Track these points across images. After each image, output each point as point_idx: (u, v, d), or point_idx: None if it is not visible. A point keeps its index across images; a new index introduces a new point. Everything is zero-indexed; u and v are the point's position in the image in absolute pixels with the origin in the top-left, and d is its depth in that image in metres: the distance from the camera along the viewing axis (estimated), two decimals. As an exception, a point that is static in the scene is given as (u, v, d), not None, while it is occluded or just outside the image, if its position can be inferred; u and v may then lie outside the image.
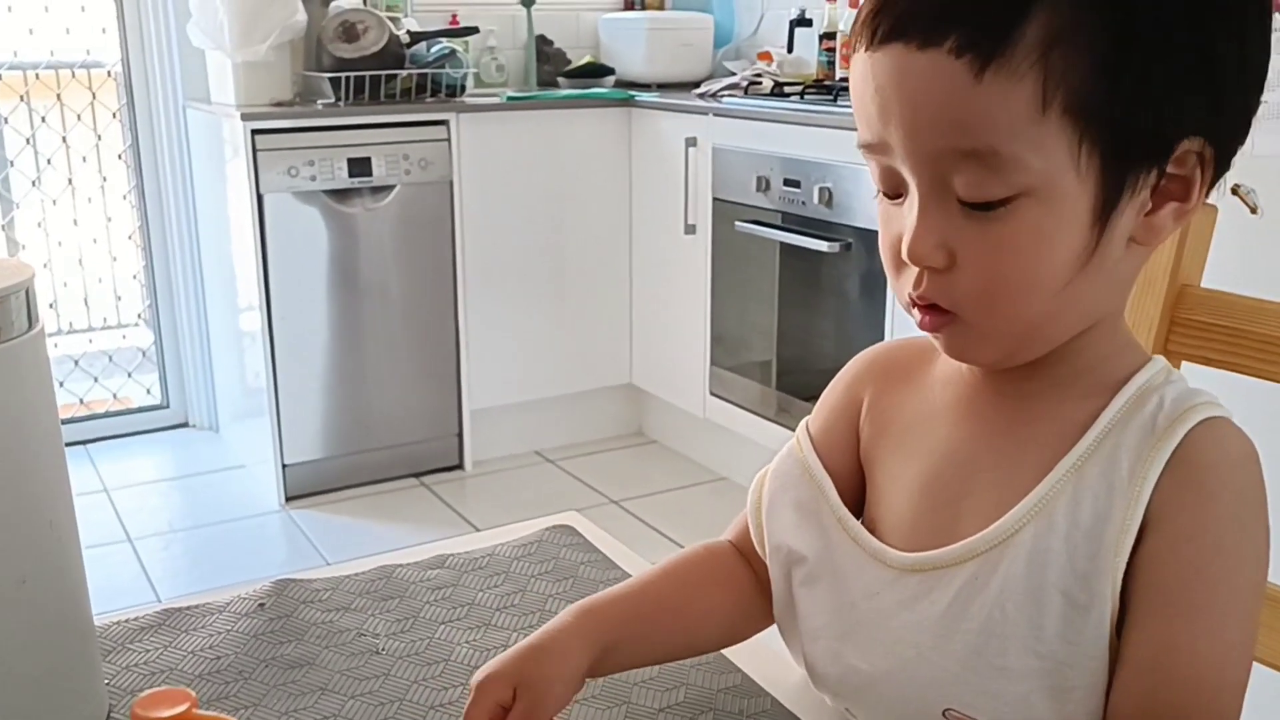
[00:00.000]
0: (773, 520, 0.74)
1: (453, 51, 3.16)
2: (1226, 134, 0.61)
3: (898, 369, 0.74)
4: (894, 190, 0.62)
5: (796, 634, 0.73)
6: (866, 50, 0.60)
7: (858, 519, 0.71)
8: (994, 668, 0.63)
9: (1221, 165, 0.62)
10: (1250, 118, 0.62)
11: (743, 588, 0.77)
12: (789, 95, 2.95)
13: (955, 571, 0.64)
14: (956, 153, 0.57)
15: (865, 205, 2.49)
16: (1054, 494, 0.62)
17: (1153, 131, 0.59)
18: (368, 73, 2.99)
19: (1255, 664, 0.80)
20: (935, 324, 0.63)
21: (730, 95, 3.09)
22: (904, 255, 0.61)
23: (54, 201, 3.41)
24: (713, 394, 3.11)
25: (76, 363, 3.52)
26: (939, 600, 0.65)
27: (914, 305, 0.63)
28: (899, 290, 0.64)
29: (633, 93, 3.32)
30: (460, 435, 3.25)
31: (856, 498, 0.73)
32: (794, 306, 2.84)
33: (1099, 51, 0.56)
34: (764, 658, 0.79)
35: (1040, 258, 0.59)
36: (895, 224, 0.63)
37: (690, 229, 3.08)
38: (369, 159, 2.95)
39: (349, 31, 3.00)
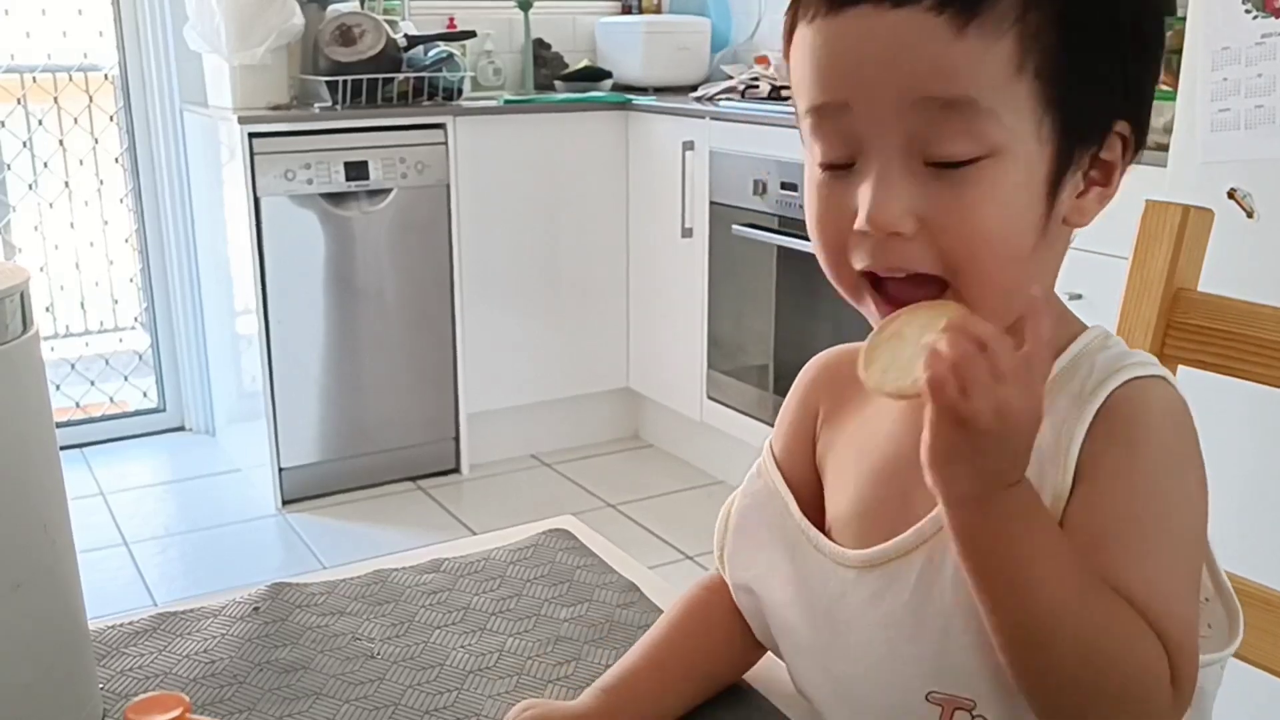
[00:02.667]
0: (736, 555, 0.75)
1: (450, 55, 3.16)
2: (1144, 118, 0.64)
3: (845, 374, 0.74)
4: (844, 157, 0.61)
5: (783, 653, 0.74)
6: (822, 17, 0.60)
7: (821, 529, 0.72)
8: (963, 646, 0.63)
9: (1136, 151, 0.64)
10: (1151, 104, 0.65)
11: (741, 621, 0.77)
12: (786, 99, 2.95)
13: (912, 559, 0.65)
14: (935, 104, 0.58)
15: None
16: None
17: (1100, 107, 0.61)
18: (365, 76, 2.99)
19: (1251, 667, 0.80)
20: (898, 296, 0.61)
21: (727, 99, 3.09)
22: (864, 223, 0.60)
23: (50, 205, 3.41)
24: (709, 398, 3.10)
25: (73, 366, 3.52)
26: (902, 590, 0.65)
27: (866, 285, 0.63)
28: (843, 272, 0.63)
29: (630, 96, 3.32)
30: (457, 439, 3.25)
31: (820, 507, 0.73)
32: (791, 310, 2.84)
33: (1067, 20, 0.58)
34: (760, 662, 0.79)
35: (1009, 219, 0.61)
36: (839, 198, 0.62)
37: (687, 232, 3.08)
38: (366, 162, 2.95)
39: (346, 35, 3.00)
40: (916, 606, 0.65)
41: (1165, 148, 1.70)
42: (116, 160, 3.46)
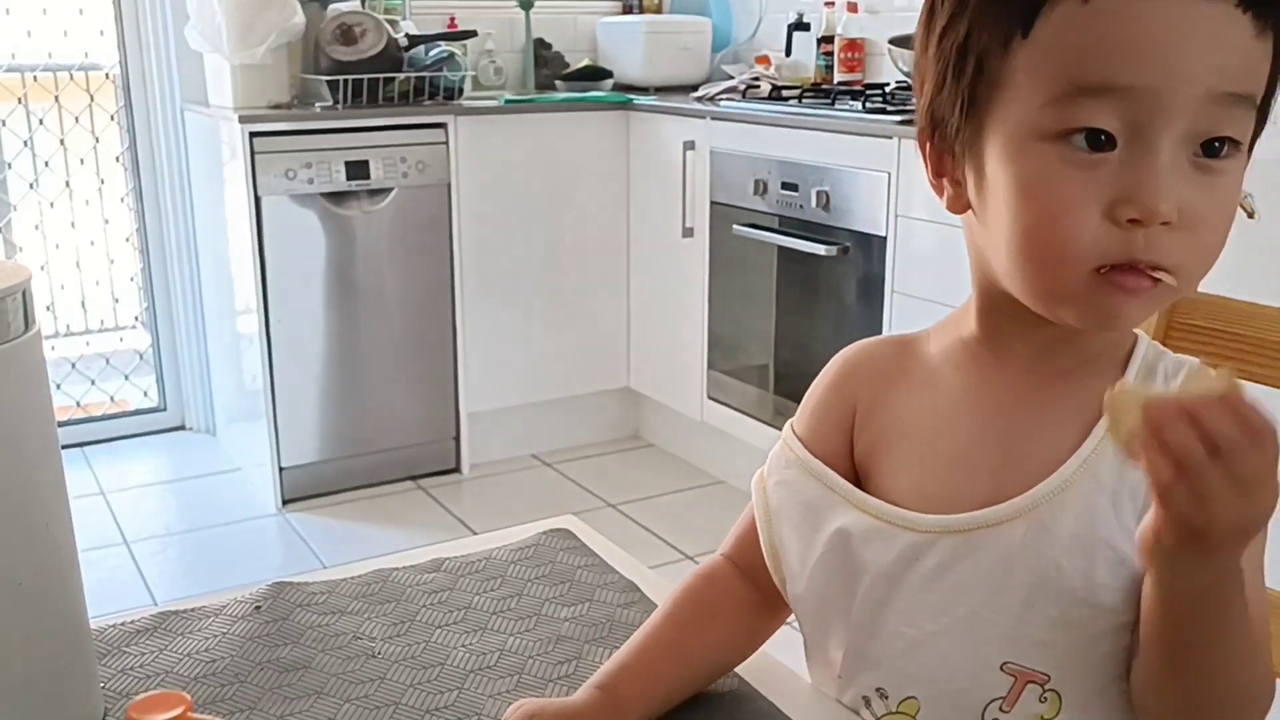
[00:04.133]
0: (785, 543, 0.75)
1: (451, 54, 3.16)
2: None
3: (887, 368, 0.75)
4: (1104, 138, 0.59)
5: (829, 629, 0.74)
6: None
7: None
8: (1049, 619, 0.65)
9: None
10: None
11: (744, 609, 0.78)
12: (787, 99, 2.95)
13: (1005, 529, 0.66)
14: (1230, 98, 0.59)
15: (863, 209, 2.49)
16: (1097, 454, 0.65)
17: (1266, 109, 0.64)
18: (366, 75, 2.99)
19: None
20: (1146, 287, 0.60)
21: (728, 99, 3.09)
22: (1135, 213, 0.58)
23: (51, 204, 3.41)
24: (710, 398, 3.10)
25: (74, 365, 3.52)
26: (985, 559, 0.66)
27: (1115, 271, 0.60)
28: (1095, 256, 0.59)
29: (631, 96, 3.32)
30: (457, 438, 3.25)
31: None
32: (792, 310, 2.84)
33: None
34: (760, 661, 0.79)
35: (1235, 209, 0.63)
36: (1091, 183, 0.59)
37: (688, 232, 3.08)
38: (367, 162, 2.95)
39: (347, 34, 3.00)
40: (1002, 576, 0.66)
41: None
42: (117, 159, 3.46)
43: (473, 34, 3.33)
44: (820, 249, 2.59)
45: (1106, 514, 0.64)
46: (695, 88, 3.37)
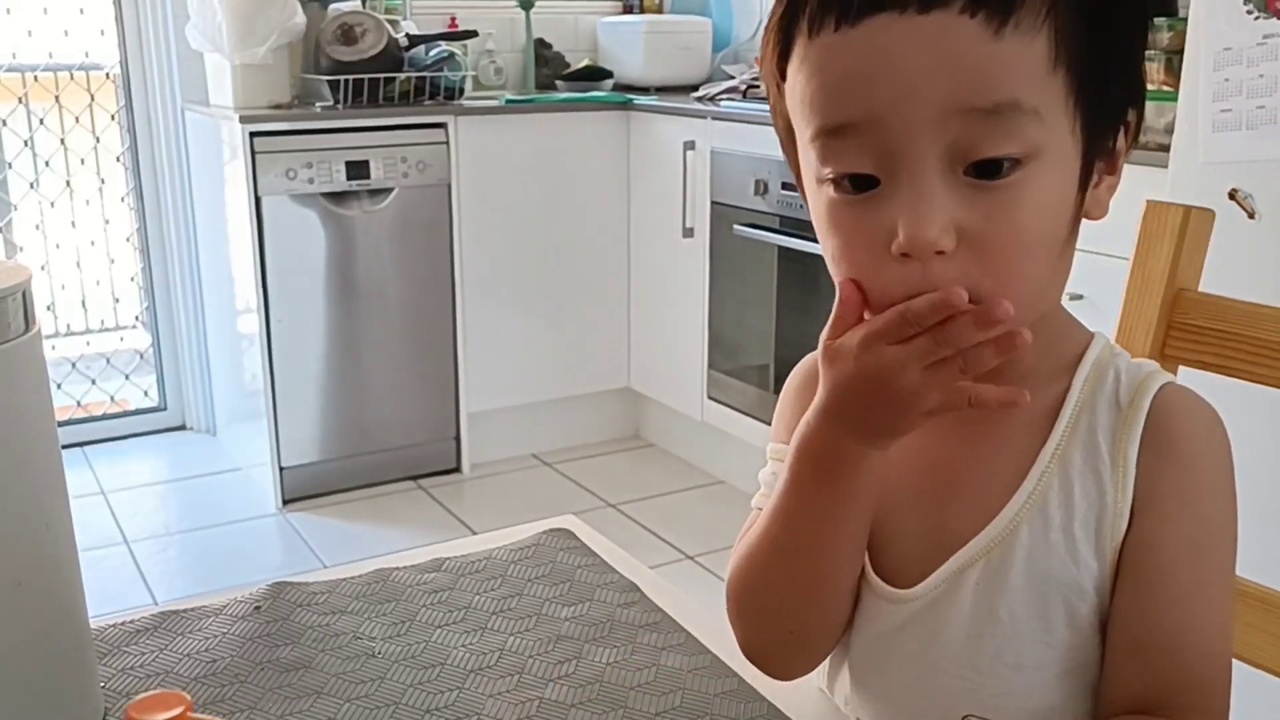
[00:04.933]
0: None
1: (451, 54, 3.16)
2: (1143, 104, 0.63)
3: None
4: (866, 178, 0.58)
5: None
6: (834, 32, 0.57)
7: None
8: (1010, 667, 0.63)
9: (1135, 138, 0.63)
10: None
11: None
12: (787, 99, 2.94)
13: (958, 582, 0.64)
14: (976, 111, 0.55)
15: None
16: (1043, 486, 0.63)
17: (1119, 96, 0.60)
18: (366, 75, 2.99)
19: (1252, 668, 0.80)
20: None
21: (728, 99, 3.09)
22: (903, 246, 0.56)
23: (52, 203, 3.41)
24: (710, 398, 3.10)
25: (74, 365, 3.52)
26: (943, 613, 0.65)
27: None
28: (883, 294, 0.58)
29: (631, 96, 3.32)
30: (458, 438, 3.25)
31: None
32: (792, 310, 2.84)
33: (1093, 8, 0.57)
34: (761, 661, 0.79)
35: (1051, 220, 0.59)
36: (865, 222, 0.58)
37: (688, 232, 3.08)
38: (367, 162, 2.95)
39: (347, 34, 3.00)
40: (958, 630, 0.65)
41: (1166, 148, 1.70)
42: (118, 159, 3.46)
43: (473, 34, 3.33)
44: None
45: (1058, 552, 0.62)
46: (696, 88, 3.37)
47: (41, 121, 3.35)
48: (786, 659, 0.71)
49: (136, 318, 3.61)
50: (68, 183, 3.42)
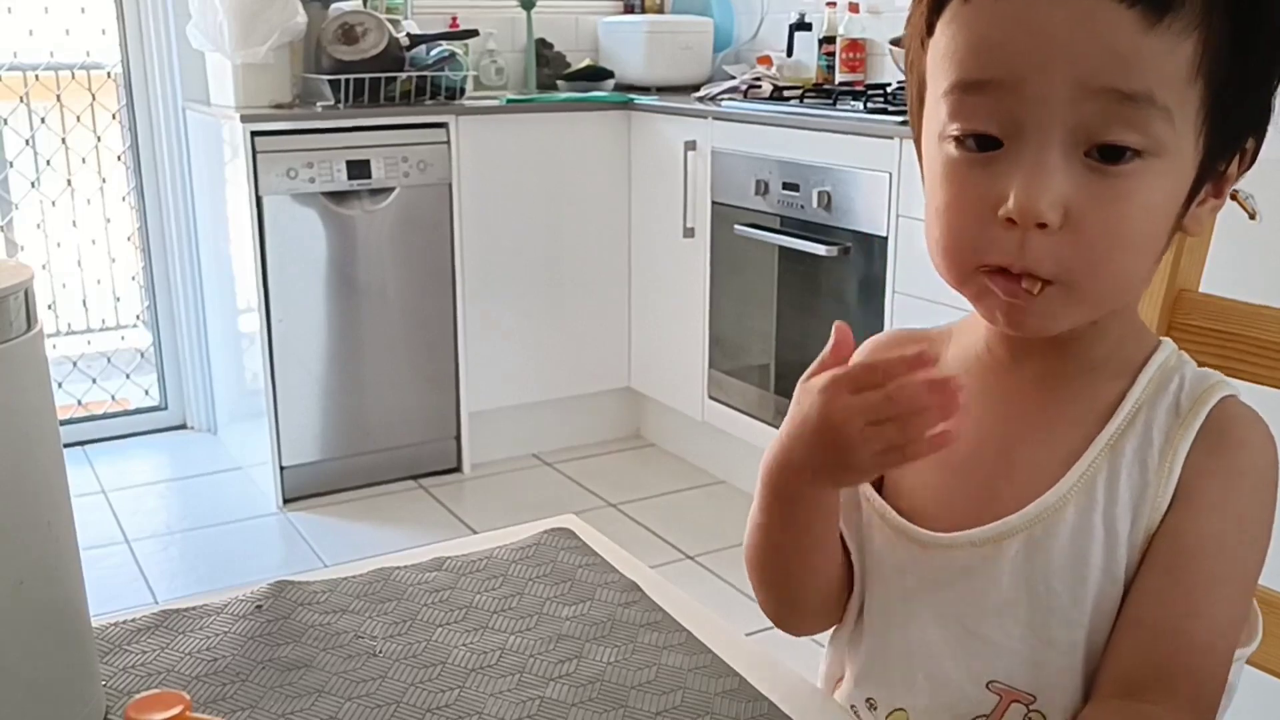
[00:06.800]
0: None
1: (452, 54, 3.16)
2: (1264, 135, 0.63)
3: None
4: (990, 139, 0.59)
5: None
6: None
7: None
8: (1038, 639, 0.64)
9: (1249, 166, 0.64)
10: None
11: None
12: (788, 99, 2.95)
13: (1001, 547, 0.65)
14: (1113, 94, 0.56)
15: (864, 209, 2.49)
16: (1093, 470, 0.64)
17: (1246, 120, 0.61)
18: (367, 75, 2.99)
19: (1251, 668, 0.81)
20: (1022, 293, 0.60)
21: (729, 99, 3.09)
22: (1011, 212, 0.57)
23: (53, 203, 3.41)
24: (711, 397, 3.11)
25: (75, 364, 3.52)
26: (984, 576, 0.66)
27: (994, 274, 0.60)
28: (962, 263, 0.61)
29: (632, 96, 3.32)
30: (458, 438, 3.25)
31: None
32: (793, 310, 2.84)
33: (1238, 26, 0.58)
34: (761, 662, 0.79)
35: (1153, 221, 0.60)
36: (979, 182, 0.59)
37: (689, 232, 3.08)
38: (368, 161, 2.95)
39: (349, 34, 3.00)
40: (994, 594, 0.65)
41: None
42: (119, 158, 3.46)
43: (474, 34, 3.33)
44: (821, 249, 2.59)
45: (1098, 535, 0.63)
46: (697, 88, 3.37)
47: (43, 120, 3.36)
48: (794, 621, 0.77)
49: (137, 317, 3.61)
50: (69, 182, 3.42)
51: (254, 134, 2.82)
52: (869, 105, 2.57)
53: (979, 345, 0.71)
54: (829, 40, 3.20)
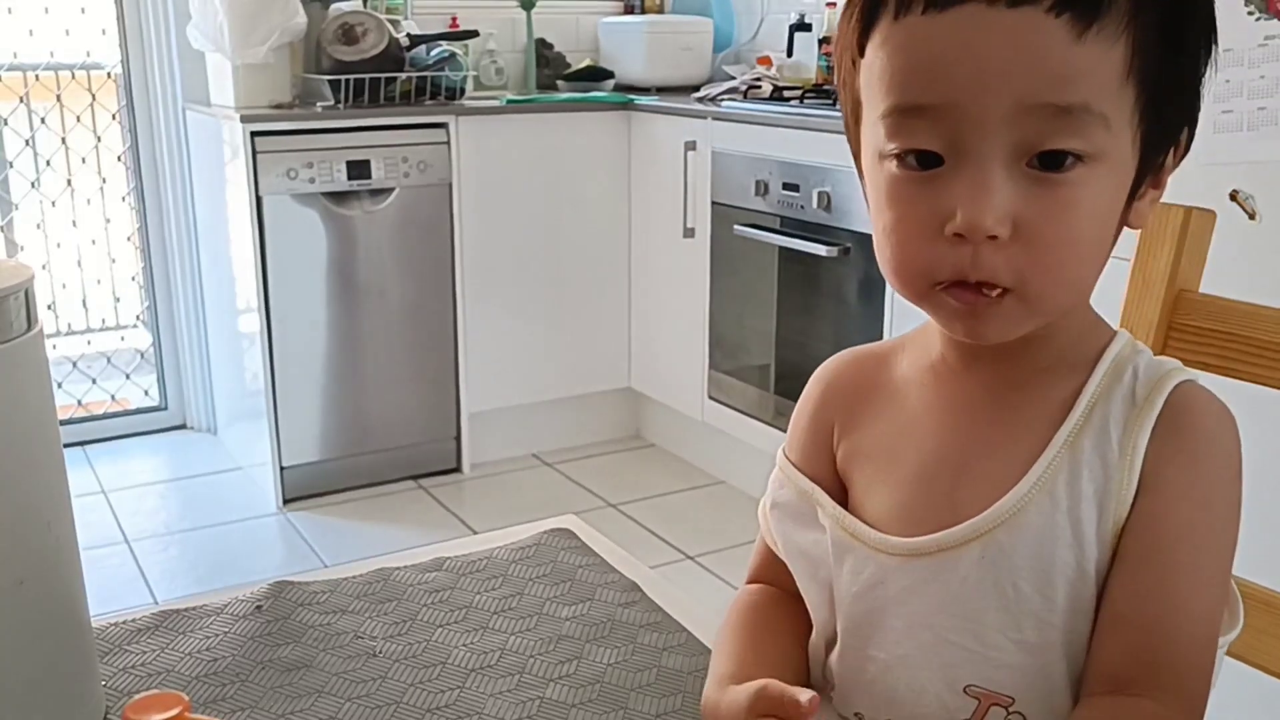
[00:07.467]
0: (791, 561, 0.75)
1: (452, 54, 3.16)
2: (1195, 126, 0.64)
3: (858, 384, 0.75)
4: (931, 155, 0.59)
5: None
6: (920, 15, 0.58)
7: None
8: (1011, 641, 0.64)
9: (1184, 154, 0.64)
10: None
11: (797, 618, 0.76)
12: (788, 99, 2.95)
13: (962, 552, 0.65)
14: (1049, 109, 0.56)
15: (864, 209, 2.48)
16: (1052, 470, 0.64)
17: (1179, 113, 0.62)
18: (367, 75, 2.99)
19: (1250, 668, 0.81)
20: (982, 303, 0.60)
21: (729, 99, 3.09)
22: (958, 228, 0.58)
23: (53, 203, 3.41)
24: (711, 398, 3.10)
25: (75, 364, 3.52)
26: (950, 581, 0.66)
27: (951, 286, 0.61)
28: (928, 272, 0.61)
29: (632, 96, 3.32)
30: (458, 438, 3.25)
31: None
32: (793, 310, 2.84)
33: (1166, 24, 0.58)
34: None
35: (1100, 223, 0.61)
36: (924, 201, 0.60)
37: (689, 232, 3.08)
38: (368, 161, 2.95)
39: (349, 34, 3.00)
40: (963, 599, 0.65)
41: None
42: (119, 159, 3.46)
43: (474, 34, 3.33)
44: (821, 249, 2.59)
45: (1064, 534, 0.63)
46: (697, 88, 3.37)
47: (43, 121, 3.36)
48: None
49: (137, 317, 3.61)
50: (69, 182, 3.42)
51: (254, 134, 2.82)
52: (869, 106, 2.57)
53: (933, 354, 0.71)
54: (829, 40, 3.20)
